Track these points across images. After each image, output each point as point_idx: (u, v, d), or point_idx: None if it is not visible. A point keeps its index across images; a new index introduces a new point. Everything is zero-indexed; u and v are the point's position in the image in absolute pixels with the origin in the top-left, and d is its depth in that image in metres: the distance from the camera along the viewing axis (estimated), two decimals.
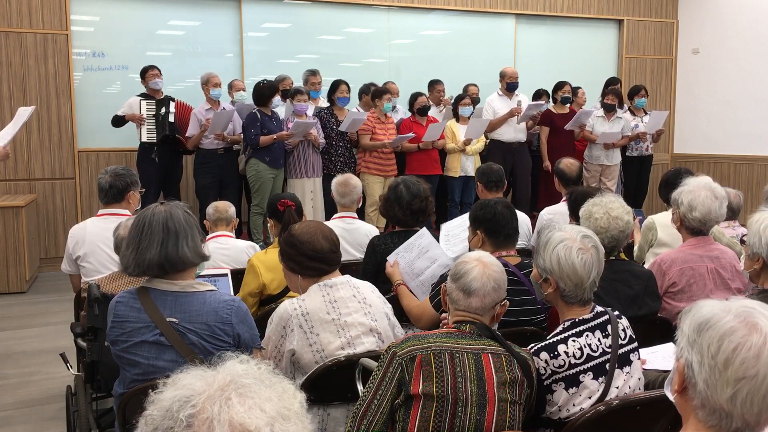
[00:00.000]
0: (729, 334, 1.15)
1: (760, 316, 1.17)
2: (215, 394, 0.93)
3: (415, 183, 3.39)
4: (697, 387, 1.18)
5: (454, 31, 8.41)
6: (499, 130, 7.16)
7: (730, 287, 2.99)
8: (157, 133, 6.27)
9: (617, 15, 9.23)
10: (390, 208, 3.35)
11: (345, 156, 6.58)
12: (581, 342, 2.07)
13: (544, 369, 2.05)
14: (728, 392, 1.14)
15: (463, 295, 2.03)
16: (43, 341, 4.67)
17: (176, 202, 2.21)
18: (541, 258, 2.16)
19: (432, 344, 1.92)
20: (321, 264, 2.42)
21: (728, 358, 1.14)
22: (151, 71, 6.35)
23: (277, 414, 0.93)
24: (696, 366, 1.18)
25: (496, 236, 2.87)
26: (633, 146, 7.62)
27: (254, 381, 0.97)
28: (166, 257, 2.10)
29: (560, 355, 2.04)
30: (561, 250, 2.12)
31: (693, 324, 1.21)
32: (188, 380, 0.97)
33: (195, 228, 2.17)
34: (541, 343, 2.10)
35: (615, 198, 2.91)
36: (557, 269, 2.11)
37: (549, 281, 2.15)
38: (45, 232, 6.68)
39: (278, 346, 2.35)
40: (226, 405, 0.92)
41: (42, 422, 3.51)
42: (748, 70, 8.71)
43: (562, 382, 2.04)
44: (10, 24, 6.47)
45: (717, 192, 3.03)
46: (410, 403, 1.88)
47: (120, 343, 2.14)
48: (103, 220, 3.49)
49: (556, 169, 4.61)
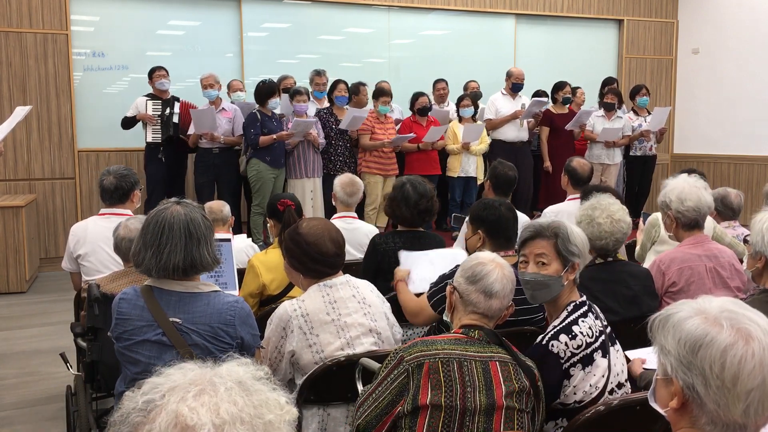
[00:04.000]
0: (729, 349, 1.13)
1: (747, 322, 1.15)
2: (180, 386, 0.93)
3: (421, 183, 3.39)
4: (705, 407, 1.14)
5: (454, 31, 8.41)
6: (501, 130, 7.16)
7: (729, 286, 2.99)
8: (162, 133, 6.29)
9: (617, 15, 9.23)
10: (397, 207, 3.33)
11: (345, 155, 6.57)
12: (589, 322, 2.13)
13: (564, 352, 2.06)
14: (741, 407, 1.12)
15: (484, 297, 2.02)
16: (43, 341, 4.67)
17: (193, 205, 2.19)
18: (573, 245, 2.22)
19: (440, 351, 1.90)
20: (324, 267, 2.41)
21: (735, 373, 1.12)
22: (158, 72, 6.38)
23: (234, 418, 0.90)
24: (701, 388, 1.14)
25: (498, 238, 2.87)
26: (637, 146, 7.61)
27: (229, 383, 0.95)
28: (191, 262, 2.10)
29: (577, 335, 2.08)
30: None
31: (683, 344, 1.16)
32: (173, 371, 0.97)
33: (212, 232, 2.18)
34: (555, 327, 2.13)
35: (612, 199, 2.91)
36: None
37: (573, 267, 2.22)
38: (45, 232, 6.68)
39: (278, 347, 2.35)
40: (182, 398, 0.91)
41: (42, 422, 3.51)
42: (748, 70, 8.71)
43: (580, 363, 2.07)
44: (10, 24, 6.47)
45: (699, 183, 3.08)
46: (417, 412, 1.87)
47: (123, 340, 2.14)
48: (105, 220, 3.49)
49: (568, 168, 4.46)
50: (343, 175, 4.11)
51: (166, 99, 6.40)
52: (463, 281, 2.08)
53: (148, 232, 2.11)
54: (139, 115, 6.31)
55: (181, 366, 0.99)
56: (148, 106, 6.31)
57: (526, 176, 7.34)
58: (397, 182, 3.48)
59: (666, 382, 1.22)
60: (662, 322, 1.23)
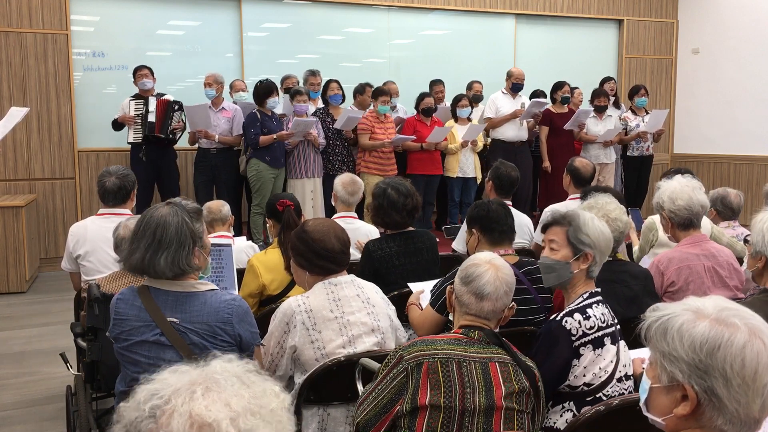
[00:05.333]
0: (748, 346, 1.15)
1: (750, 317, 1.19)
2: (182, 387, 0.94)
3: (400, 183, 3.37)
4: (725, 408, 1.15)
5: (454, 31, 8.41)
6: (501, 129, 7.16)
7: (728, 285, 3.00)
8: (142, 132, 6.26)
9: (617, 15, 9.23)
10: (385, 214, 3.30)
11: (343, 155, 6.58)
12: (601, 309, 2.19)
13: (577, 330, 2.11)
14: (759, 402, 1.15)
15: (475, 299, 2.02)
16: (43, 341, 4.67)
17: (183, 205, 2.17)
18: (584, 235, 2.25)
19: (439, 351, 1.90)
20: (330, 263, 2.42)
21: (756, 369, 1.14)
22: (140, 71, 6.32)
23: (245, 410, 0.93)
24: (722, 390, 1.15)
25: (491, 233, 2.87)
26: (634, 146, 7.62)
27: (229, 378, 0.97)
28: (143, 265, 2.11)
29: (591, 317, 2.14)
30: (600, 224, 2.28)
31: (698, 348, 1.17)
32: (166, 375, 0.98)
33: (187, 239, 2.11)
34: (570, 307, 2.19)
35: (609, 198, 2.92)
36: (602, 240, 2.27)
37: (586, 257, 2.26)
38: (45, 232, 6.68)
39: (280, 342, 2.35)
40: (190, 398, 0.93)
41: (42, 422, 3.51)
42: (748, 70, 8.71)
43: (590, 344, 2.11)
44: (10, 24, 6.47)
45: (692, 183, 3.11)
46: (416, 412, 1.86)
47: (121, 340, 2.15)
48: (105, 220, 3.48)
49: (571, 168, 4.44)
50: (344, 175, 4.12)
51: (146, 98, 6.35)
52: (458, 282, 2.09)
53: (134, 228, 2.17)
54: (120, 118, 6.28)
55: (172, 369, 1.00)
56: (131, 107, 6.29)
57: (525, 176, 7.33)
58: (377, 190, 3.38)
59: (668, 389, 1.22)
60: (661, 330, 1.23)
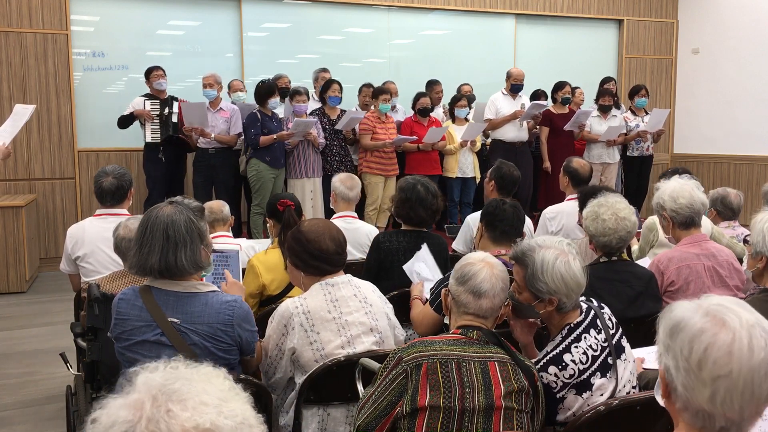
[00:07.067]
0: (699, 334, 1.16)
1: (728, 313, 1.17)
2: (152, 413, 0.88)
3: (429, 182, 3.42)
4: (677, 390, 1.19)
5: (454, 31, 8.41)
6: (501, 130, 7.15)
7: (728, 284, 2.99)
8: (161, 133, 6.27)
9: (617, 15, 9.23)
10: (411, 209, 3.32)
11: (340, 155, 6.57)
12: (583, 346, 2.05)
13: (555, 383, 2.01)
14: (706, 393, 1.15)
15: (473, 297, 2.01)
16: (43, 341, 4.67)
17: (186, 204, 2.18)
18: (542, 282, 2.05)
19: (438, 352, 1.90)
20: (324, 264, 2.42)
21: (701, 359, 1.15)
22: (156, 72, 6.35)
23: (219, 399, 0.92)
24: (673, 370, 1.19)
25: (493, 230, 2.92)
26: (634, 146, 7.61)
27: (179, 381, 0.94)
28: (166, 265, 2.10)
29: (568, 365, 2.01)
30: (561, 267, 2.04)
31: (666, 328, 1.22)
32: (113, 413, 0.90)
33: (196, 236, 2.14)
34: (545, 357, 2.05)
35: (620, 198, 2.91)
36: (563, 286, 2.04)
37: (550, 301, 2.07)
38: (45, 232, 6.69)
39: (279, 344, 2.35)
40: (169, 417, 0.88)
41: (42, 422, 3.51)
42: (748, 70, 8.71)
43: (573, 389, 2.02)
44: (10, 24, 6.47)
45: (692, 182, 3.11)
46: (416, 414, 1.86)
47: (122, 340, 2.15)
48: (102, 220, 3.48)
49: (568, 169, 4.43)
50: (340, 173, 4.15)
51: (165, 99, 6.38)
52: (454, 282, 2.08)
53: (138, 231, 2.16)
54: (136, 111, 6.24)
55: (103, 408, 0.92)
56: (146, 106, 6.29)
57: (526, 176, 7.33)
58: (405, 184, 3.42)
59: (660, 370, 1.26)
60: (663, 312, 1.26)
